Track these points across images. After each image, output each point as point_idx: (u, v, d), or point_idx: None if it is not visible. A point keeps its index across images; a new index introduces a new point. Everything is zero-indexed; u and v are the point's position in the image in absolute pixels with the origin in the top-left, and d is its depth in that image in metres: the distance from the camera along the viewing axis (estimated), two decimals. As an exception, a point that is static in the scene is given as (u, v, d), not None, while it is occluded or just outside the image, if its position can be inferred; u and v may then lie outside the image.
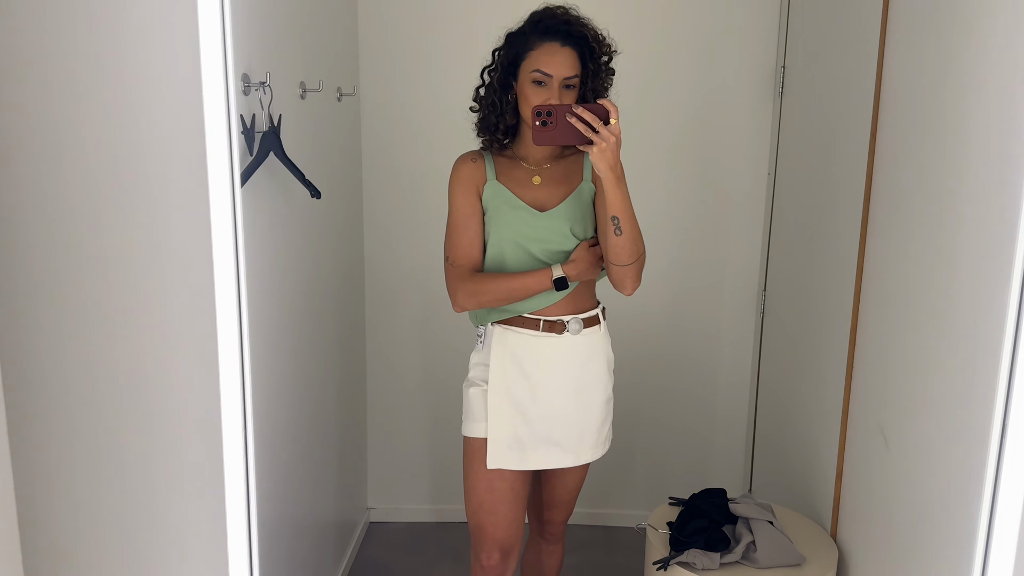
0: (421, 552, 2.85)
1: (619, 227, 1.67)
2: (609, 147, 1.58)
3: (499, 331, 1.85)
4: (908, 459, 1.66)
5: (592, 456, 1.91)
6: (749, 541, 1.90)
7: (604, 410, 1.91)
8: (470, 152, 1.87)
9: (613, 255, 1.72)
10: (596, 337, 1.88)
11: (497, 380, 1.84)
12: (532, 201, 1.81)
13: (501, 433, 1.84)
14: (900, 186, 1.74)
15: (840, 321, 2.03)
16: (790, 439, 2.45)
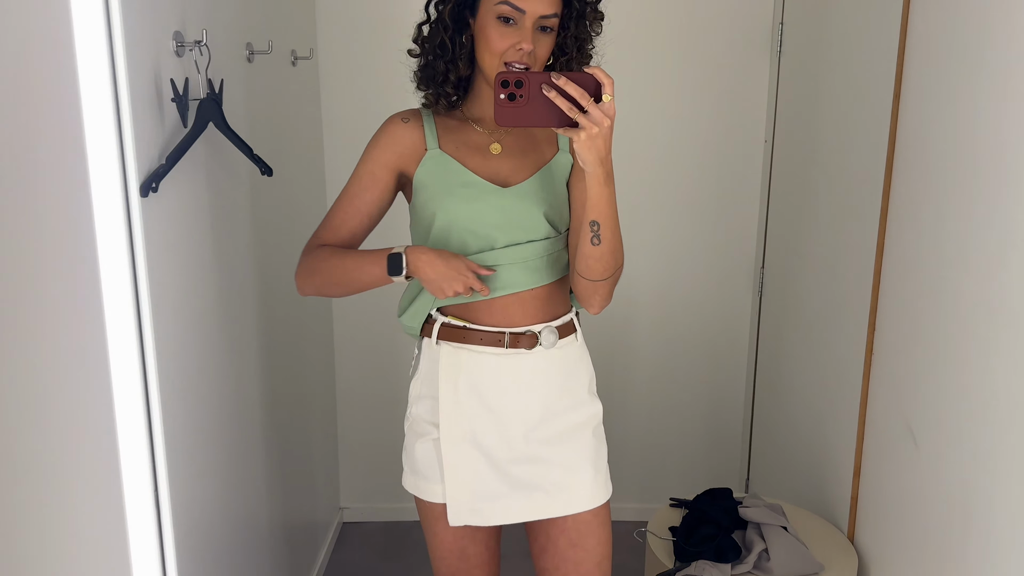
0: (398, 556, 2.65)
1: (598, 235, 1.28)
2: (601, 134, 1.17)
3: (447, 351, 1.43)
4: (940, 460, 1.49)
5: (593, 500, 1.45)
6: (762, 549, 1.72)
7: (594, 441, 1.47)
8: (404, 111, 1.45)
9: (584, 267, 1.33)
10: (573, 350, 1.47)
11: (451, 423, 1.42)
12: (490, 175, 1.40)
13: (463, 490, 1.44)
14: (932, 149, 1.54)
15: (857, 302, 1.84)
16: (795, 431, 2.27)
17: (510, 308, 1.41)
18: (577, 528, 1.46)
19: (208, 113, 1.41)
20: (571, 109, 1.16)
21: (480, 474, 1.43)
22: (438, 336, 1.43)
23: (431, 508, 1.48)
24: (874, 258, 1.75)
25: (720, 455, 2.78)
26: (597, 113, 1.16)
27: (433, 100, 1.43)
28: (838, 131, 2.01)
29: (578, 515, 1.45)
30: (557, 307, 1.45)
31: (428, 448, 1.46)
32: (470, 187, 1.39)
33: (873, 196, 1.76)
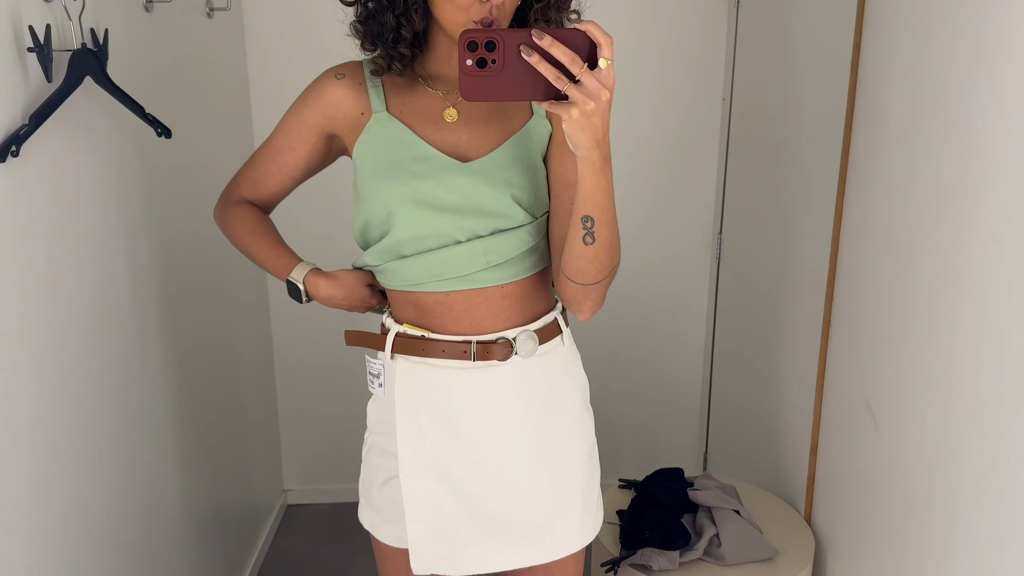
0: (344, 540, 2.53)
1: (592, 233, 1.02)
2: (598, 109, 0.89)
3: (404, 367, 1.19)
4: (900, 438, 1.38)
5: (580, 541, 1.24)
6: (712, 534, 1.62)
7: (587, 467, 1.25)
8: (340, 66, 1.20)
9: (574, 269, 1.07)
10: (559, 356, 1.22)
11: (412, 455, 1.18)
12: (446, 147, 1.14)
13: (428, 534, 1.20)
14: (894, 107, 1.41)
15: (814, 271, 1.72)
16: (752, 406, 2.16)
17: (476, 310, 1.15)
18: (547, 571, 1.26)
19: (83, 66, 1.24)
20: (559, 78, 0.88)
21: (449, 516, 1.20)
22: (392, 349, 1.19)
23: (391, 552, 1.28)
24: (832, 225, 1.63)
25: (678, 432, 2.68)
26: (592, 83, 0.87)
27: (386, 64, 1.14)
28: (798, 88, 1.88)
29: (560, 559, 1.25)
30: (536, 305, 1.20)
31: (390, 487, 1.23)
32: (423, 161, 1.12)
33: (832, 158, 1.64)
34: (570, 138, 0.93)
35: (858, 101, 1.54)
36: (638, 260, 2.53)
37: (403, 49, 1.12)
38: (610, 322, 2.57)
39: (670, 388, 2.64)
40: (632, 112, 2.42)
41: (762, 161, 2.12)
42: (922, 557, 1.32)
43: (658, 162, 2.46)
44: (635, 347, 2.61)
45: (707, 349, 2.56)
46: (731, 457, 2.36)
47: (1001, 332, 1.10)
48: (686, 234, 2.51)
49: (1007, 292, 1.09)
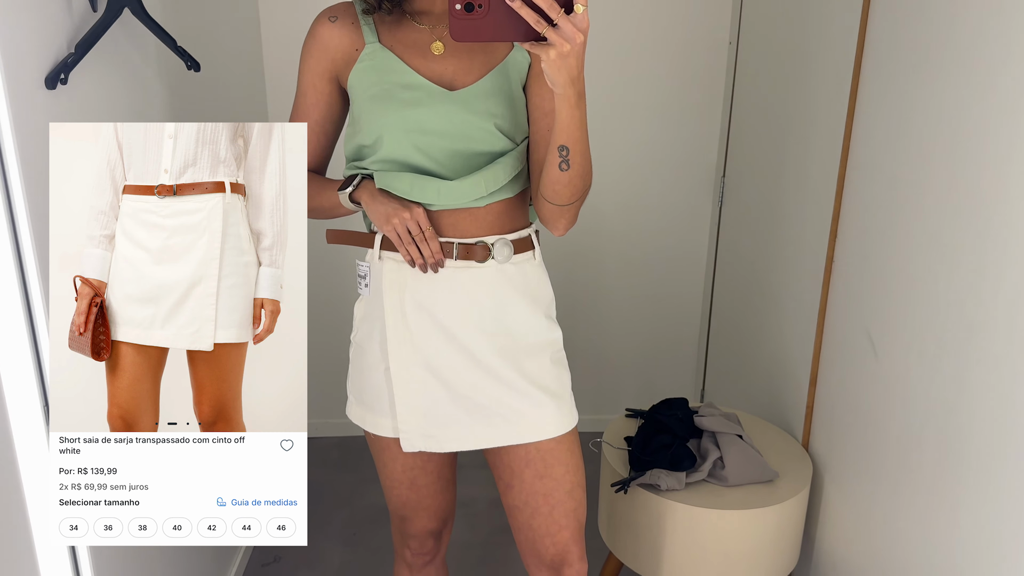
0: (353, 469, 2.63)
1: (567, 160, 1.16)
2: (573, 50, 1.01)
3: (390, 266, 1.29)
4: (899, 368, 1.47)
5: (558, 427, 1.33)
6: (716, 457, 1.71)
7: (556, 370, 1.35)
8: (334, 7, 1.29)
9: (551, 192, 1.21)
10: (529, 268, 1.33)
11: (399, 346, 1.29)
12: (434, 76, 1.24)
13: (415, 415, 1.32)
14: (902, 45, 1.46)
15: (819, 208, 1.79)
16: (753, 340, 2.25)
17: (461, 222, 1.27)
18: (542, 458, 1.34)
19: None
20: (539, 22, 0.99)
21: (434, 399, 1.31)
22: (381, 247, 1.29)
23: (378, 440, 1.38)
24: (838, 161, 1.69)
25: (675, 366, 2.77)
26: (568, 27, 1.00)
27: (376, 2, 1.25)
28: (804, 30, 1.92)
29: (542, 444, 1.33)
30: (514, 220, 1.31)
31: (376, 378, 1.33)
32: (413, 89, 1.22)
33: (839, 99, 1.69)
34: (548, 76, 1.05)
35: (868, 35, 1.59)
36: (640, 200, 2.59)
37: None
38: (612, 260, 2.64)
39: (669, 324, 2.73)
40: (638, 56, 2.45)
41: (767, 103, 2.17)
42: (916, 480, 1.41)
43: (665, 105, 2.50)
44: (635, 285, 2.69)
45: (707, 287, 2.64)
46: (728, 389, 2.46)
47: (1000, 261, 1.18)
48: (691, 177, 2.56)
49: (1008, 223, 1.16)
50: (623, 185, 2.56)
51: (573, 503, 1.36)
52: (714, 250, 2.58)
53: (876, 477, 1.55)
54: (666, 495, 1.65)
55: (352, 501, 2.46)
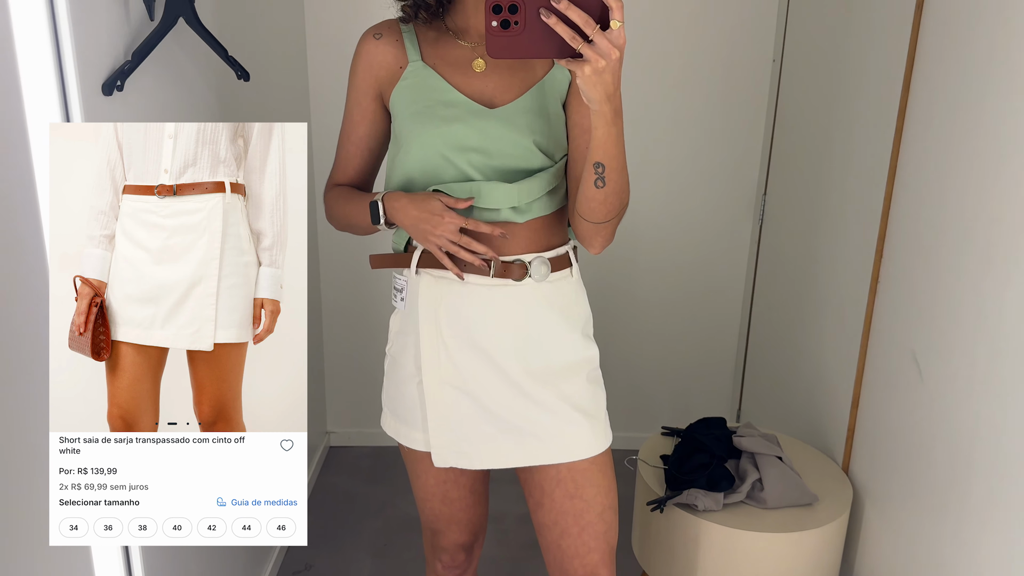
0: (385, 480, 2.63)
1: (603, 177, 1.14)
2: (609, 67, 1.00)
3: (427, 281, 1.29)
4: (945, 391, 1.43)
5: (590, 447, 1.31)
6: (755, 479, 1.69)
7: (591, 389, 1.33)
8: (377, 25, 1.31)
9: (587, 209, 1.20)
10: (566, 286, 1.32)
11: (433, 362, 1.29)
12: (474, 94, 1.25)
13: (447, 431, 1.32)
14: (955, 63, 1.44)
15: (865, 227, 1.76)
16: (792, 361, 2.22)
17: (497, 238, 1.26)
18: (574, 478, 1.32)
19: (178, 7, 1.29)
20: (574, 38, 0.99)
21: (466, 416, 1.31)
22: (418, 264, 1.29)
23: (411, 453, 1.39)
24: (885, 181, 1.67)
25: (711, 385, 2.74)
26: (604, 43, 0.98)
27: (412, 12, 1.27)
28: (852, 48, 1.90)
29: (574, 464, 1.31)
30: (551, 238, 1.30)
31: (410, 392, 1.33)
32: (453, 106, 1.23)
33: (887, 117, 1.67)
34: (584, 92, 1.04)
35: (917, 62, 1.57)
36: (680, 216, 2.57)
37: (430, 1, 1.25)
38: (649, 275, 2.63)
39: (706, 342, 2.70)
40: (681, 72, 2.44)
41: (812, 121, 2.14)
42: (963, 508, 1.37)
43: (707, 122, 2.49)
44: (674, 303, 2.66)
45: (745, 305, 2.62)
46: (766, 409, 2.42)
47: (1058, 285, 1.15)
48: (732, 194, 2.54)
49: (1066, 246, 1.13)
50: (663, 200, 2.55)
51: (603, 525, 1.34)
52: (753, 267, 2.55)
53: (920, 504, 1.51)
54: (703, 515, 1.63)
55: (384, 511, 2.46)
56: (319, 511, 2.46)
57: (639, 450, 1.85)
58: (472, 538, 1.49)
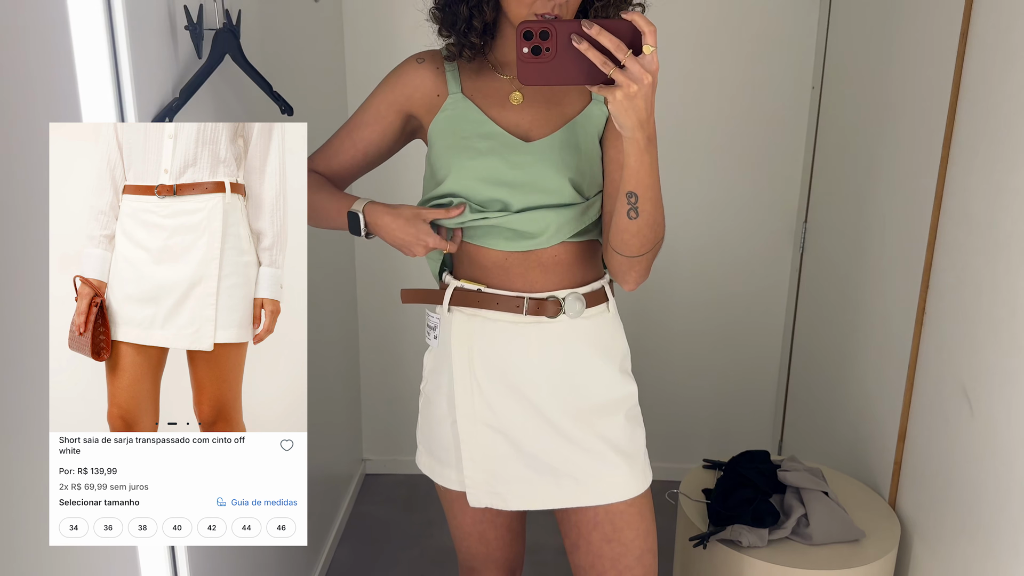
0: (422, 508, 2.62)
1: (636, 208, 1.11)
2: (641, 92, 0.99)
3: (459, 319, 1.27)
4: (996, 426, 1.40)
5: (627, 489, 1.28)
6: (801, 514, 1.65)
7: (629, 427, 1.30)
8: (423, 52, 1.31)
9: (619, 242, 1.17)
10: (603, 322, 1.29)
11: (467, 401, 1.27)
12: (511, 126, 1.24)
13: (481, 472, 1.29)
14: (1003, 93, 1.41)
15: (911, 256, 1.73)
16: (834, 393, 2.17)
17: (531, 273, 1.25)
18: (611, 521, 1.29)
19: (225, 44, 1.32)
20: (606, 64, 0.98)
21: (500, 456, 1.29)
22: (451, 302, 1.28)
23: (447, 492, 1.38)
24: (931, 211, 1.64)
25: (753, 416, 2.70)
26: (636, 68, 0.97)
27: (457, 51, 1.25)
28: (894, 73, 1.88)
29: (612, 506, 1.28)
30: (586, 272, 1.28)
31: (444, 431, 1.32)
32: (489, 139, 1.22)
33: (932, 146, 1.64)
34: (616, 119, 1.03)
35: (963, 89, 1.55)
36: (723, 246, 2.55)
37: (474, 38, 1.22)
38: (687, 303, 2.60)
39: (746, 372, 2.66)
40: (720, 97, 2.43)
41: (853, 148, 2.12)
42: (1016, 546, 1.33)
43: (746, 149, 2.47)
44: (713, 332, 2.63)
45: (786, 336, 2.58)
46: (808, 442, 2.37)
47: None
48: (771, 222, 2.52)
49: None
50: (700, 227, 2.53)
51: (641, 570, 1.32)
52: (794, 297, 2.52)
53: (972, 541, 1.47)
54: (747, 552, 1.60)
55: (420, 542, 2.45)
56: (356, 540, 2.45)
57: (680, 483, 1.82)
58: (509, 575, 1.48)
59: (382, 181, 1.77)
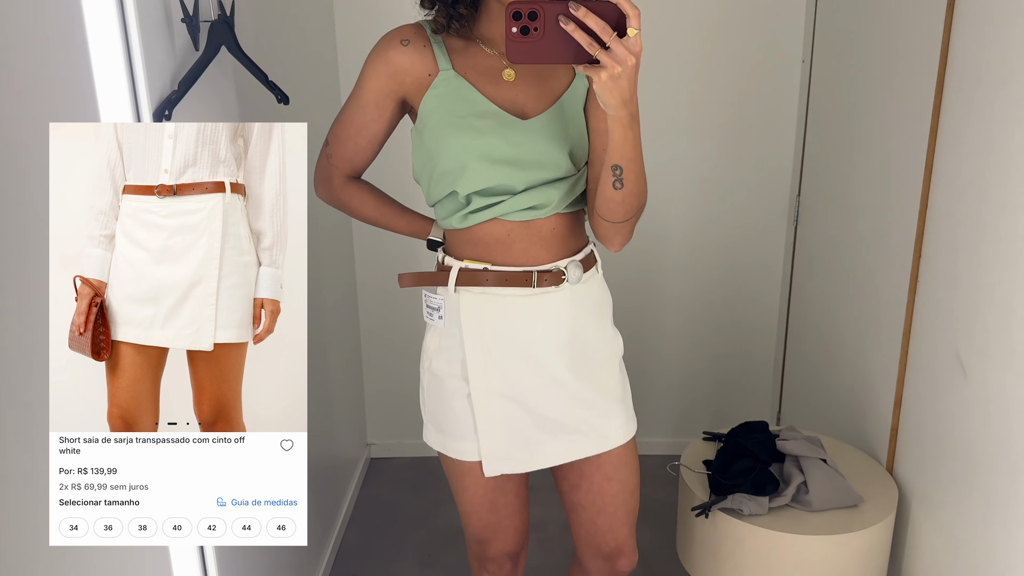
0: (428, 490, 2.65)
1: (620, 179, 1.18)
2: (625, 73, 1.04)
3: (467, 298, 1.32)
4: (990, 390, 1.42)
5: (625, 434, 1.41)
6: (800, 482, 1.68)
7: (621, 377, 1.43)
8: (403, 30, 1.29)
9: (605, 209, 1.24)
10: (595, 284, 1.39)
11: (482, 375, 1.32)
12: (507, 105, 1.26)
13: (498, 440, 1.36)
14: (991, 61, 1.43)
15: (902, 224, 1.76)
16: (833, 362, 2.21)
17: (533, 247, 1.31)
18: (612, 462, 1.41)
19: (220, 36, 1.33)
20: (591, 45, 1.02)
21: (515, 421, 1.35)
22: (456, 283, 1.32)
23: (459, 465, 1.41)
24: (922, 179, 1.66)
25: (751, 388, 2.73)
26: (620, 50, 1.02)
27: (444, 23, 1.26)
28: (883, 48, 1.89)
29: (612, 450, 1.41)
30: (577, 240, 1.36)
31: (457, 406, 1.36)
32: (487, 118, 1.24)
33: (922, 115, 1.66)
34: (600, 98, 1.08)
35: (951, 56, 1.56)
36: (714, 218, 2.58)
37: (462, 9, 1.25)
38: (684, 279, 2.63)
39: (744, 345, 2.69)
40: (713, 73, 2.45)
41: (844, 120, 2.14)
42: (1011, 507, 1.36)
43: (738, 124, 2.49)
44: (710, 306, 2.66)
45: (782, 309, 2.61)
46: (806, 412, 2.41)
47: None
48: (765, 196, 2.54)
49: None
50: (695, 202, 2.56)
51: (634, 502, 1.46)
52: (790, 269, 2.54)
53: (968, 503, 1.50)
54: (748, 520, 1.63)
55: (427, 522, 2.49)
56: (364, 522, 2.49)
57: (681, 455, 1.86)
58: (518, 547, 1.51)
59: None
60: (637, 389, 2.64)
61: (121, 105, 1.11)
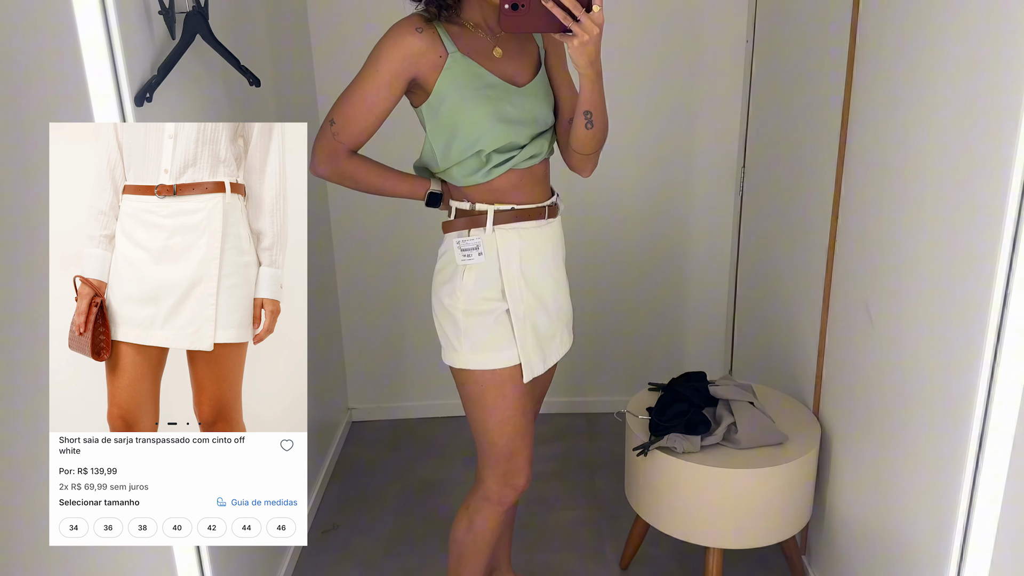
0: (405, 447, 2.83)
1: (591, 121, 1.52)
2: (592, 40, 1.36)
3: (503, 235, 1.59)
4: (893, 335, 1.60)
5: (570, 339, 1.78)
6: (730, 423, 1.86)
7: None
8: (415, 20, 1.51)
9: (580, 144, 1.57)
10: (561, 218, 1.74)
11: (518, 290, 1.60)
12: (503, 76, 1.55)
13: (533, 347, 1.64)
14: (890, 34, 1.60)
15: (822, 193, 1.93)
16: (771, 318, 2.39)
17: (536, 189, 1.61)
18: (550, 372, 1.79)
19: (195, 25, 1.49)
20: (566, 18, 1.33)
21: (542, 321, 1.64)
22: (494, 222, 1.57)
23: (500, 373, 1.61)
24: (836, 152, 1.83)
25: (706, 345, 2.92)
26: (587, 22, 1.33)
27: (436, 12, 1.50)
28: (803, 30, 2.06)
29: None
30: (550, 183, 1.68)
31: (497, 324, 1.59)
32: (494, 88, 1.52)
33: (836, 92, 1.83)
34: (572, 60, 1.41)
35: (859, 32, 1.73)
36: (668, 190, 2.75)
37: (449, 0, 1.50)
38: (642, 248, 2.80)
39: (699, 307, 2.88)
40: (663, 54, 2.61)
41: (778, 98, 2.31)
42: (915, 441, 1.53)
43: (684, 101, 2.65)
44: (666, 273, 2.84)
45: (731, 272, 2.79)
46: (753, 366, 2.60)
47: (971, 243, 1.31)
48: (712, 170, 2.71)
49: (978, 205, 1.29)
50: (651, 175, 2.73)
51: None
52: (737, 237, 2.72)
53: (879, 439, 1.68)
54: (683, 457, 1.81)
55: (404, 476, 2.67)
56: (344, 479, 2.67)
57: (627, 403, 2.04)
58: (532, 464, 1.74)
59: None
60: (598, 350, 2.84)
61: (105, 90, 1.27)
